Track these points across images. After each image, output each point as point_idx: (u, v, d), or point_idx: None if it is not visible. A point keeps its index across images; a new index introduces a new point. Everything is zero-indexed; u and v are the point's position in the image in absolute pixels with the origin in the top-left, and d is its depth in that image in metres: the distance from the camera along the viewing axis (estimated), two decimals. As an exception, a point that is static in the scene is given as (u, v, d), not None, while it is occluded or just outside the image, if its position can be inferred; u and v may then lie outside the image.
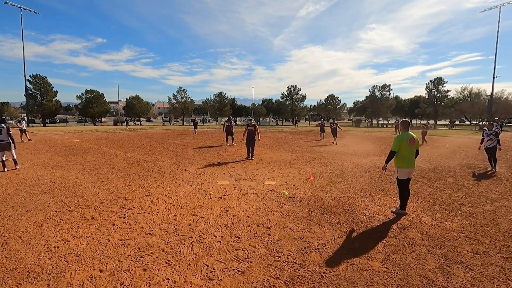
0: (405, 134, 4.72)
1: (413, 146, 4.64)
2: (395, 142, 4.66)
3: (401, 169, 4.68)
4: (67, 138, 20.11)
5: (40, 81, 44.74)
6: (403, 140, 4.62)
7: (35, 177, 7.34)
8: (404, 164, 4.64)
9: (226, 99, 64.51)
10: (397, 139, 4.68)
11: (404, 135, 4.69)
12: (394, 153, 4.66)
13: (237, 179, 7.31)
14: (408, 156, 4.63)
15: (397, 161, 4.70)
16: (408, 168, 4.66)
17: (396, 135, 4.80)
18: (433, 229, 4.18)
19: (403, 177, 4.71)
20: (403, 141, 4.61)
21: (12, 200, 5.39)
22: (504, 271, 3.05)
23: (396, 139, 4.68)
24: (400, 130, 4.89)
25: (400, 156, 4.65)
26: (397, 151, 4.64)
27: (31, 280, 2.82)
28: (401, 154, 4.63)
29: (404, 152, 4.62)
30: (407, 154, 4.62)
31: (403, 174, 4.69)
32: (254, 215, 4.70)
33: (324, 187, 6.55)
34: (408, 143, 4.61)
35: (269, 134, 25.63)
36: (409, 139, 4.63)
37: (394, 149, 4.64)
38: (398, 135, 4.78)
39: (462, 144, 17.79)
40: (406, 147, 4.60)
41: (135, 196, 5.74)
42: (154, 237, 3.82)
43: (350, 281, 2.86)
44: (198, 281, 2.84)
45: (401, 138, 4.65)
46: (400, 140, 4.63)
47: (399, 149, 4.63)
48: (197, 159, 10.52)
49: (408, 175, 4.72)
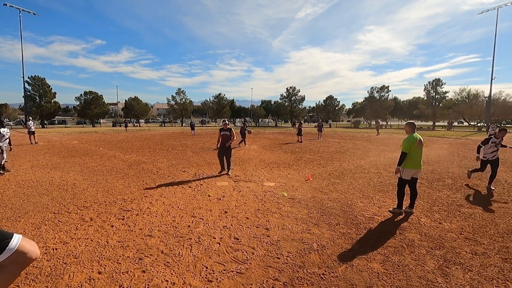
0: (414, 135, 4.78)
1: (421, 147, 4.76)
2: (405, 144, 4.74)
3: (408, 170, 4.76)
4: (65, 139, 20.06)
5: (39, 83, 44.68)
6: (413, 141, 4.71)
7: (34, 179, 7.31)
8: (411, 164, 4.73)
9: (225, 101, 64.58)
10: (407, 140, 4.75)
11: (413, 137, 4.76)
12: (405, 155, 4.74)
13: (236, 181, 7.31)
14: (416, 157, 4.73)
15: (405, 161, 4.77)
16: (414, 169, 4.75)
17: (406, 137, 4.82)
18: (432, 230, 4.19)
19: (407, 177, 4.80)
20: (414, 143, 4.70)
21: (11, 202, 5.37)
22: (503, 272, 3.06)
23: (406, 141, 4.75)
24: (406, 132, 4.95)
25: (409, 157, 4.73)
26: (408, 152, 4.72)
27: (29, 282, 2.81)
28: (411, 155, 4.72)
29: (413, 154, 4.71)
30: (415, 155, 4.72)
31: (408, 174, 4.79)
32: (253, 217, 4.69)
33: (323, 188, 6.56)
34: (417, 145, 4.71)
35: (268, 136, 25.64)
36: (418, 141, 4.74)
37: (405, 151, 4.73)
38: (408, 137, 4.81)
39: (461, 144, 17.83)
40: (416, 149, 4.71)
41: (134, 197, 5.73)
42: (153, 239, 3.81)
43: (349, 282, 2.85)
44: (197, 282, 2.83)
45: (411, 139, 4.73)
46: (410, 141, 4.72)
47: (409, 150, 4.71)
48: (196, 161, 10.51)
49: (413, 176, 4.82)
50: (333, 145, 17.18)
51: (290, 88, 63.27)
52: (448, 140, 21.97)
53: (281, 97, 64.70)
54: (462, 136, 27.48)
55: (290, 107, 63.25)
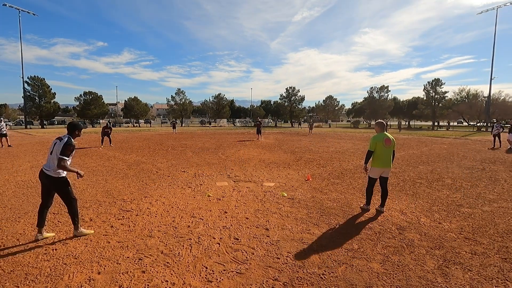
0: (381, 134, 4.91)
1: (388, 146, 4.82)
2: (371, 142, 4.87)
3: (374, 168, 4.88)
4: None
5: (39, 83, 44.60)
6: (379, 140, 4.82)
7: (33, 179, 7.30)
8: (378, 163, 4.82)
9: (224, 101, 64.57)
10: (373, 139, 4.87)
11: (380, 136, 4.87)
12: (371, 153, 4.86)
13: (236, 181, 7.31)
14: (382, 155, 4.81)
15: (372, 160, 4.89)
16: (381, 167, 4.83)
17: (373, 136, 4.96)
18: (432, 230, 4.19)
19: (374, 175, 4.93)
20: (379, 141, 4.81)
21: (10, 202, 5.37)
22: (502, 272, 3.06)
23: (372, 139, 4.88)
24: (376, 131, 5.08)
25: (375, 156, 4.85)
26: (373, 151, 4.83)
27: (29, 282, 2.81)
28: (377, 154, 4.82)
29: (379, 152, 4.81)
30: (381, 154, 4.81)
31: (376, 172, 4.90)
32: (253, 217, 4.69)
33: (323, 188, 6.56)
34: (383, 144, 4.80)
35: (268, 136, 25.64)
36: (385, 140, 4.82)
37: (370, 149, 4.86)
38: (374, 136, 4.93)
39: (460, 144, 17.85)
40: (381, 147, 4.80)
41: (134, 198, 5.73)
42: (152, 239, 3.81)
43: (349, 282, 2.86)
44: (197, 283, 2.83)
45: (377, 138, 4.85)
46: (376, 140, 4.84)
47: (375, 149, 4.82)
48: (195, 161, 10.51)
49: (381, 174, 4.91)
50: (332, 145, 17.19)
51: (290, 88, 63.21)
52: (448, 140, 21.98)
53: (280, 97, 64.69)
54: (462, 136, 27.50)
55: (289, 107, 63.25)
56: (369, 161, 4.92)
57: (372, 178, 4.97)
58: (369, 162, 4.93)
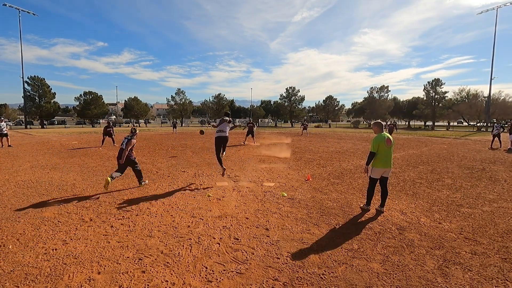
0: (381, 135, 4.88)
1: (389, 146, 4.80)
2: (373, 143, 4.83)
3: (376, 169, 4.86)
4: (65, 139, 20.05)
5: (38, 83, 44.63)
6: (381, 141, 4.79)
7: (33, 179, 7.30)
8: (380, 164, 4.80)
9: (224, 101, 64.56)
10: (375, 140, 4.84)
11: (381, 136, 4.84)
12: (373, 154, 4.83)
13: (236, 181, 7.31)
14: (385, 156, 4.79)
15: (374, 160, 4.86)
16: (383, 168, 4.82)
17: (374, 137, 4.93)
18: (432, 230, 4.19)
19: (376, 176, 4.91)
20: (381, 142, 4.78)
21: (10, 202, 5.37)
22: (502, 272, 3.06)
23: (374, 141, 4.84)
24: (375, 132, 5.05)
25: (378, 156, 4.82)
26: (376, 152, 4.80)
27: (28, 282, 2.81)
28: (379, 154, 4.80)
29: (382, 153, 4.79)
30: (383, 154, 4.79)
31: (377, 173, 4.88)
32: (253, 217, 4.69)
33: (322, 188, 6.56)
34: (385, 144, 4.78)
35: (268, 136, 25.63)
36: (386, 140, 4.80)
37: (373, 150, 4.82)
38: (376, 137, 4.91)
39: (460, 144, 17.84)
40: (384, 148, 4.78)
41: (134, 197, 5.73)
42: (152, 239, 3.80)
43: (349, 282, 2.85)
44: (197, 283, 2.83)
45: (379, 139, 4.82)
46: (378, 141, 4.80)
47: (377, 150, 4.79)
48: (195, 161, 10.50)
49: (383, 175, 4.90)
50: (332, 145, 17.19)
51: (290, 88, 63.23)
52: (448, 140, 21.99)
53: (280, 97, 64.70)
54: (462, 136, 27.50)
55: (289, 107, 63.24)
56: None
57: (374, 179, 4.95)
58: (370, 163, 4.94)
